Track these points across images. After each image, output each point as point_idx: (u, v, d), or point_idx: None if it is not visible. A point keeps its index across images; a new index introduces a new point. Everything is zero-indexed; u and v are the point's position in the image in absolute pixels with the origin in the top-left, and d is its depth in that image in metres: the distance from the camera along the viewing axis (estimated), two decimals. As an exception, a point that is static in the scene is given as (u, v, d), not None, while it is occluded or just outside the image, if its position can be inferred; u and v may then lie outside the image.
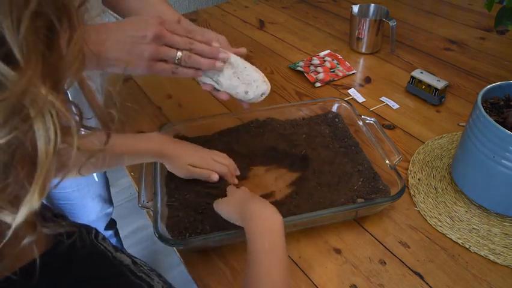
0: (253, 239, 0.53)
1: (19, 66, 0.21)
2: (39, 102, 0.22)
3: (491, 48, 1.15)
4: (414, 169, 0.79)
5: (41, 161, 0.23)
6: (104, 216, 1.14)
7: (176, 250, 0.66)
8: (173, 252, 0.68)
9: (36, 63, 0.22)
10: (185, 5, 1.93)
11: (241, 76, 0.67)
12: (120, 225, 1.27)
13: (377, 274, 0.62)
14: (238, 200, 0.62)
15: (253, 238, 0.53)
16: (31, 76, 0.22)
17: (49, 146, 0.23)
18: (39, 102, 0.22)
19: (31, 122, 0.22)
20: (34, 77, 0.22)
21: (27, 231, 0.26)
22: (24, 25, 0.21)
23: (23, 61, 0.21)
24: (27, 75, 0.22)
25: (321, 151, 0.79)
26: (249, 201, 0.59)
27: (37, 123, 0.23)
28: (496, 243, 0.66)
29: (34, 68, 0.22)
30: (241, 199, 0.62)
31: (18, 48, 0.21)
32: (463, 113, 0.92)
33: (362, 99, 0.98)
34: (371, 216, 0.70)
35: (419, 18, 1.32)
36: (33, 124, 0.23)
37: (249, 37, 1.25)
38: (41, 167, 0.24)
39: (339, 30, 1.27)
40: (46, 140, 0.23)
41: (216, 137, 0.84)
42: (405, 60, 1.12)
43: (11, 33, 0.21)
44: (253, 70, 0.68)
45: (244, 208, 0.58)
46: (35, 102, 0.22)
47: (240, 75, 0.67)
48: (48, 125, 0.23)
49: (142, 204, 0.67)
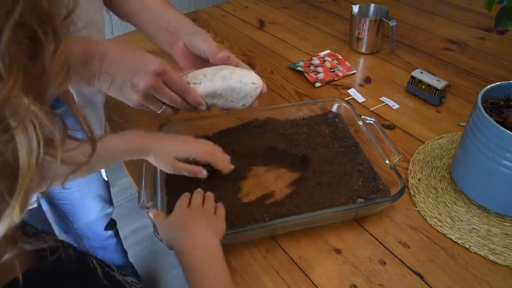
0: (195, 269, 0.53)
1: (0, 76, 0.21)
2: (20, 113, 0.22)
3: (491, 48, 1.15)
4: (414, 169, 0.79)
5: (23, 173, 0.23)
6: (104, 216, 1.14)
7: (176, 250, 0.66)
8: (173, 253, 0.67)
9: (18, 73, 0.22)
10: (185, 5, 1.94)
11: (234, 98, 0.70)
12: (120, 225, 1.27)
13: (377, 274, 0.62)
14: (175, 221, 0.60)
15: (195, 268, 0.53)
16: (12, 86, 0.21)
17: (31, 158, 0.23)
18: (20, 112, 0.22)
19: (12, 132, 0.22)
20: (15, 87, 0.22)
21: (7, 247, 0.25)
22: (6, 35, 0.21)
23: (4, 71, 0.21)
24: (9, 85, 0.21)
25: (321, 151, 0.79)
26: (184, 227, 0.58)
27: (19, 134, 0.22)
28: (496, 243, 0.66)
29: (16, 78, 0.22)
30: (177, 222, 0.60)
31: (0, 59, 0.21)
32: (463, 113, 0.92)
33: (362, 99, 0.98)
34: (371, 216, 0.70)
35: (419, 18, 1.32)
36: (15, 135, 0.22)
37: (249, 37, 1.25)
38: (23, 179, 0.23)
39: (339, 30, 1.27)
40: (28, 151, 0.23)
41: (216, 137, 0.84)
42: (405, 60, 1.12)
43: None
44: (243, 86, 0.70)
45: (177, 234, 0.57)
46: (16, 113, 0.22)
47: (233, 98, 0.70)
48: (30, 136, 0.22)
49: (142, 204, 0.67)
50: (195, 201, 0.64)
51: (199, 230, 0.57)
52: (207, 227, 0.58)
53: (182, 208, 0.63)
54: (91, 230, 1.15)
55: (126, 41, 1.25)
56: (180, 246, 0.55)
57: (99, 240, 1.18)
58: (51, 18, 0.24)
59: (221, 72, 0.69)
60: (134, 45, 1.21)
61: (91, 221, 1.12)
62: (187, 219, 0.60)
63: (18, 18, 0.21)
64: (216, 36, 1.25)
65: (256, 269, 0.64)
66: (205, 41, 0.72)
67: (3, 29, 0.21)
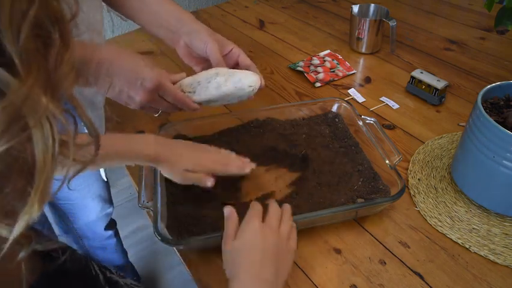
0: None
1: (20, 75, 0.21)
2: (39, 111, 0.22)
3: (491, 48, 1.15)
4: (414, 169, 0.79)
5: (40, 170, 0.23)
6: (104, 216, 1.14)
7: (176, 250, 0.66)
8: (173, 252, 0.67)
9: (37, 72, 0.22)
10: (185, 5, 1.94)
11: (230, 100, 0.72)
12: (120, 225, 1.27)
13: (377, 274, 0.62)
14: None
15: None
16: (32, 84, 0.22)
17: (48, 155, 0.23)
18: (39, 111, 0.22)
19: (30, 131, 0.22)
20: (35, 86, 0.22)
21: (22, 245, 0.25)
22: (23, 34, 0.21)
23: (23, 70, 0.21)
24: (29, 83, 0.22)
25: (321, 151, 0.79)
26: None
27: (36, 132, 0.22)
28: (496, 243, 0.66)
29: (35, 76, 0.22)
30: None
31: (19, 57, 0.21)
32: (463, 113, 0.92)
33: (362, 99, 0.98)
34: (371, 216, 0.70)
35: (419, 18, 1.32)
36: (32, 133, 0.22)
37: (249, 37, 1.25)
38: (40, 176, 0.23)
39: (339, 30, 1.27)
40: (44, 148, 0.23)
41: (216, 137, 0.84)
42: (405, 60, 1.12)
43: (11, 42, 0.21)
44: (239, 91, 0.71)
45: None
46: (34, 111, 0.22)
47: (229, 100, 0.72)
48: (46, 134, 0.23)
49: (142, 204, 0.67)
50: (272, 220, 0.57)
51: (264, 277, 0.51)
52: (274, 273, 0.52)
53: (254, 230, 0.55)
54: (91, 230, 1.15)
55: (126, 41, 1.25)
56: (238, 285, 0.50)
57: (99, 240, 1.18)
58: (59, 19, 0.24)
59: (215, 80, 0.70)
60: (134, 45, 1.21)
61: (91, 221, 1.12)
62: (256, 255, 0.52)
63: (34, 17, 0.22)
64: (216, 36, 1.25)
65: (256, 269, 0.64)
66: (205, 43, 0.72)
67: (21, 28, 0.21)
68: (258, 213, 0.57)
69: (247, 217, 0.56)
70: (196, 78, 0.70)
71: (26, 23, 0.21)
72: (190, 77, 0.71)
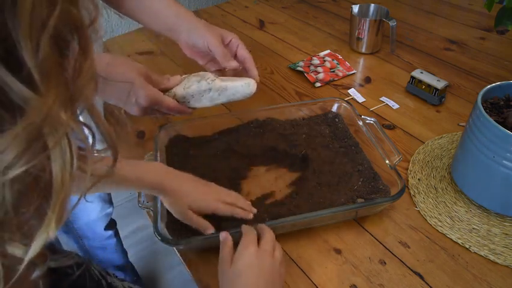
0: None
1: (39, 91, 0.20)
2: (59, 130, 0.21)
3: (491, 48, 1.15)
4: (414, 169, 0.79)
5: (57, 188, 0.22)
6: (104, 216, 1.14)
7: (176, 250, 0.66)
8: (173, 252, 0.67)
9: (57, 86, 0.21)
10: (185, 5, 1.93)
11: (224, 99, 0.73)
12: (120, 225, 1.27)
13: (377, 274, 0.62)
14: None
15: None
16: (53, 102, 0.21)
17: (65, 172, 0.22)
18: (59, 129, 0.21)
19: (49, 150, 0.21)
20: (56, 103, 0.21)
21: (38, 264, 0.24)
22: (43, 47, 0.20)
23: (43, 85, 0.20)
24: (49, 102, 0.20)
25: (321, 151, 0.79)
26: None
27: (54, 150, 0.21)
28: (496, 243, 0.66)
29: (55, 92, 0.21)
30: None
31: (38, 71, 0.20)
32: (463, 113, 0.92)
33: (362, 99, 0.98)
34: (371, 216, 0.70)
35: (419, 18, 1.32)
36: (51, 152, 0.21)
37: (249, 37, 1.25)
38: (57, 194, 0.22)
39: (339, 30, 1.27)
40: (62, 166, 0.22)
41: (216, 137, 0.84)
42: (405, 60, 1.12)
43: (31, 55, 0.20)
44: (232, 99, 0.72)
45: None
46: (55, 130, 0.21)
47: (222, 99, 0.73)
48: (64, 150, 0.22)
49: (142, 204, 0.67)
50: (268, 245, 0.57)
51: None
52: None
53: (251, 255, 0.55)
54: (91, 230, 1.15)
55: (126, 41, 1.25)
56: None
57: (99, 240, 1.18)
58: (79, 27, 0.23)
59: (209, 95, 0.71)
60: (134, 45, 1.21)
61: (91, 221, 1.12)
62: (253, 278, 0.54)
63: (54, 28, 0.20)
64: (216, 36, 1.25)
65: (256, 269, 0.64)
66: (205, 39, 0.73)
67: (41, 38, 0.20)
68: (253, 239, 0.57)
69: (244, 243, 0.57)
70: (189, 91, 0.71)
71: (46, 33, 0.20)
72: (183, 89, 0.71)
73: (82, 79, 0.23)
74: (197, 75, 0.73)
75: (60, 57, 0.22)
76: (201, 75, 0.72)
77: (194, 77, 0.72)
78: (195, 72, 0.74)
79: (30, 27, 0.19)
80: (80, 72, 0.23)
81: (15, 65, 0.20)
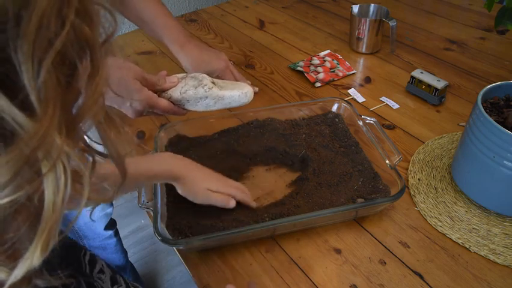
0: None
1: (35, 114, 0.19)
2: (53, 154, 0.20)
3: (491, 48, 1.15)
4: (414, 169, 0.79)
5: (47, 214, 0.21)
6: (104, 216, 1.14)
7: (176, 250, 0.66)
8: (173, 252, 0.67)
9: (54, 110, 0.20)
10: (185, 5, 1.93)
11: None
12: (120, 225, 1.27)
13: (377, 274, 0.62)
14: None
15: None
16: (48, 126, 0.19)
17: (57, 198, 0.21)
18: (53, 154, 0.20)
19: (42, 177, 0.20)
20: (51, 127, 0.19)
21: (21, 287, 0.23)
22: (45, 68, 0.19)
23: (40, 109, 0.19)
24: (44, 126, 0.19)
25: (321, 151, 0.79)
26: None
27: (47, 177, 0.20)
28: (496, 243, 0.66)
29: (51, 116, 0.19)
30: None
31: (37, 95, 0.19)
32: (463, 113, 0.92)
33: (362, 99, 0.98)
34: (371, 216, 0.70)
35: (419, 18, 1.32)
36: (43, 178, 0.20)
37: (249, 37, 1.25)
38: (46, 220, 0.21)
39: (339, 30, 1.27)
40: (55, 191, 0.21)
41: (216, 137, 0.84)
42: (405, 60, 1.12)
43: (30, 78, 0.18)
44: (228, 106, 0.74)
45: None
46: (49, 155, 0.20)
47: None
48: (58, 176, 0.21)
49: (142, 204, 0.67)
50: None
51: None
52: None
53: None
54: (91, 230, 1.15)
55: (126, 41, 1.25)
56: None
57: (99, 240, 1.18)
58: (90, 46, 0.21)
59: (205, 101, 0.72)
60: (134, 45, 1.21)
61: (91, 220, 1.12)
62: None
63: (60, 47, 0.19)
64: (216, 36, 1.25)
65: (256, 269, 0.64)
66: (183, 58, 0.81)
67: (43, 61, 0.19)
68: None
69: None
70: (185, 97, 0.71)
71: (50, 55, 0.19)
72: (179, 93, 0.72)
73: (91, 97, 0.22)
74: (194, 77, 0.73)
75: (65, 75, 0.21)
76: (198, 79, 0.72)
77: (191, 80, 0.72)
78: (192, 73, 0.74)
79: (34, 48, 0.18)
80: (89, 91, 0.22)
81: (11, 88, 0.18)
